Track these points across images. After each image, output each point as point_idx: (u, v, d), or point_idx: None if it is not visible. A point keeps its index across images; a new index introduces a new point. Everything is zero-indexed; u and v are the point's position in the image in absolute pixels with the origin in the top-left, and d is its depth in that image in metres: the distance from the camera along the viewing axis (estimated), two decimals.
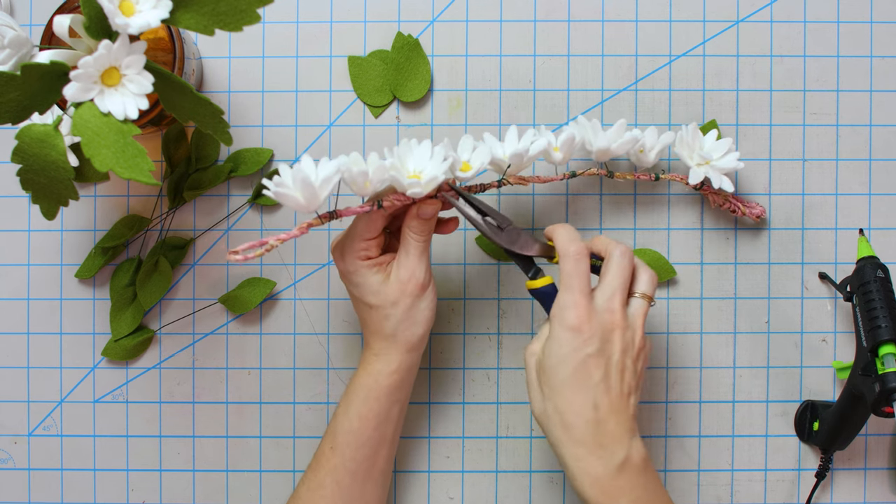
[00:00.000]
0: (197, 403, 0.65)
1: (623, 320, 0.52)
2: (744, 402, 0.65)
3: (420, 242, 0.54)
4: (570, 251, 0.53)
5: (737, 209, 0.63)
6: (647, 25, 0.65)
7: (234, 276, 0.65)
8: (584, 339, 0.50)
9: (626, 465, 0.50)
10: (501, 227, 0.56)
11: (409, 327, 0.55)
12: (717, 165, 0.60)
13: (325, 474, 0.56)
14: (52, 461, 0.65)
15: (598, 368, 0.51)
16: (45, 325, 0.65)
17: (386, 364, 0.56)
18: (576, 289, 0.51)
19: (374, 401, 0.56)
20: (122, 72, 0.47)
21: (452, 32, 0.65)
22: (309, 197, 0.50)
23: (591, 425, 0.50)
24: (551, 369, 0.51)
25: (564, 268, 0.52)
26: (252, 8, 0.47)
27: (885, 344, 0.56)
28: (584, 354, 0.50)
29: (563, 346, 0.51)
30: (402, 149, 0.54)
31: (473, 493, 0.65)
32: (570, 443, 0.51)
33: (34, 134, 0.48)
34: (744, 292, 0.65)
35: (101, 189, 0.65)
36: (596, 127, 0.59)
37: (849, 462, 0.65)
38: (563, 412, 0.51)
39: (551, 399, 0.51)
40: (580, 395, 0.50)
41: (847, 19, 0.65)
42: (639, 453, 0.51)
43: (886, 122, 0.65)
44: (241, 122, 0.65)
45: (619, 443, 0.50)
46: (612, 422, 0.50)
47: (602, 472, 0.50)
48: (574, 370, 0.50)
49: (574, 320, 0.51)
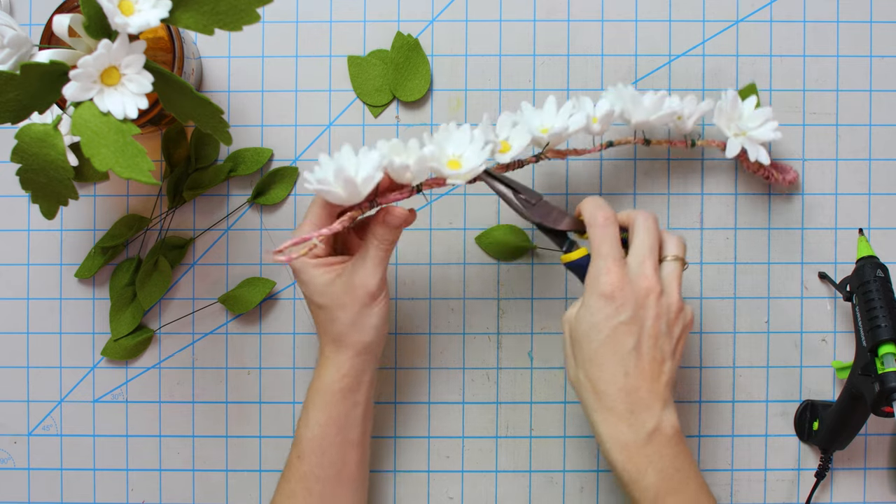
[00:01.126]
0: (197, 403, 0.65)
1: (657, 284, 0.51)
2: (744, 402, 0.65)
3: (381, 251, 0.53)
4: (597, 218, 0.52)
5: (771, 175, 0.62)
6: (646, 25, 0.65)
7: (234, 275, 0.65)
8: (616, 307, 0.50)
9: (656, 434, 0.50)
10: (532, 202, 0.56)
11: (356, 332, 0.54)
12: (753, 136, 0.60)
13: (296, 483, 0.56)
14: (51, 461, 0.65)
15: (630, 336, 0.50)
16: (44, 325, 0.65)
17: (336, 368, 0.55)
18: (607, 255, 0.51)
19: (331, 405, 0.55)
20: (121, 71, 0.47)
21: (452, 32, 0.65)
22: (351, 192, 0.50)
23: (622, 393, 0.50)
24: (584, 337, 0.51)
25: (594, 235, 0.52)
26: (252, 7, 0.47)
27: (884, 344, 0.56)
28: (617, 322, 0.50)
29: (595, 314, 0.51)
30: (441, 135, 0.53)
31: (473, 493, 0.65)
32: (601, 409, 0.51)
33: (34, 133, 0.48)
34: (744, 292, 0.65)
35: (100, 189, 0.65)
36: (636, 98, 0.58)
37: (849, 462, 0.65)
38: (594, 380, 0.51)
39: (583, 367, 0.52)
40: (611, 363, 0.50)
41: (847, 19, 0.65)
42: (671, 424, 0.51)
43: (886, 122, 0.65)
44: (241, 122, 0.65)
45: (649, 410, 0.50)
46: (643, 389, 0.50)
47: (631, 440, 0.50)
48: (606, 338, 0.50)
49: (607, 287, 0.50)
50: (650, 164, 0.65)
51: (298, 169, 0.65)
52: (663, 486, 0.50)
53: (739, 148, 0.60)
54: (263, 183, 0.64)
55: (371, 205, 0.53)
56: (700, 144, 0.62)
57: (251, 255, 0.65)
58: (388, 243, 0.53)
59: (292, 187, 0.65)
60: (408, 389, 0.65)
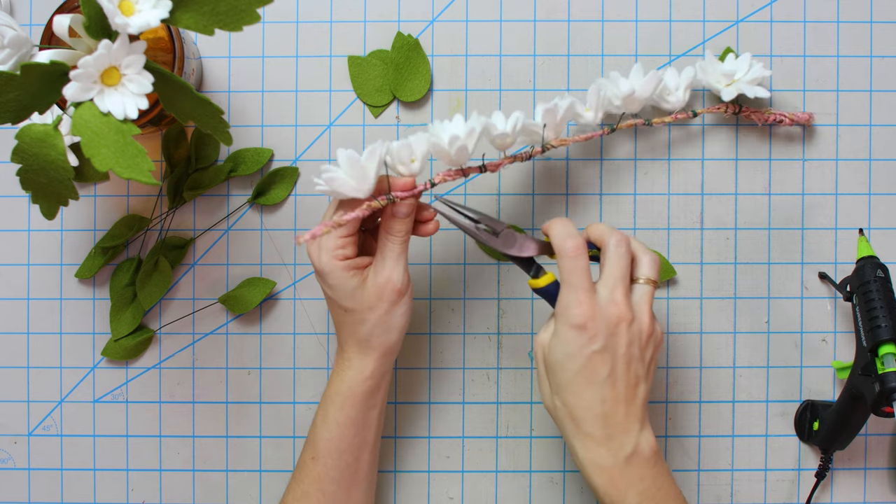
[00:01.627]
0: (197, 403, 0.65)
1: (628, 311, 0.51)
2: (744, 402, 0.65)
3: (397, 244, 0.53)
4: (566, 249, 0.52)
5: (783, 119, 0.63)
6: (647, 25, 0.65)
7: (234, 276, 0.65)
8: (589, 337, 0.50)
9: (635, 456, 0.50)
10: (496, 231, 0.55)
11: (383, 333, 0.54)
12: (745, 79, 0.61)
13: (309, 484, 0.56)
14: (52, 461, 0.65)
15: (604, 365, 0.50)
16: (44, 325, 0.65)
17: (359, 371, 0.55)
18: (576, 286, 0.51)
19: (351, 408, 0.55)
20: (121, 71, 0.47)
21: (452, 32, 0.65)
22: (359, 177, 0.50)
23: (599, 419, 0.50)
24: (558, 366, 0.51)
25: (563, 266, 0.52)
26: (252, 8, 0.47)
27: (884, 344, 0.56)
28: (590, 352, 0.50)
29: (568, 345, 0.51)
30: (436, 126, 0.54)
31: (473, 493, 0.65)
32: (579, 435, 0.51)
33: (34, 134, 0.48)
34: (744, 292, 0.65)
35: (101, 189, 0.65)
36: (616, 78, 0.59)
37: (849, 462, 0.65)
38: (571, 407, 0.51)
39: (559, 394, 0.52)
40: (587, 392, 0.51)
41: (847, 19, 0.65)
42: (649, 445, 0.51)
43: (886, 122, 0.65)
44: (241, 122, 0.65)
45: (627, 434, 0.51)
46: (620, 413, 0.51)
47: (611, 464, 0.50)
48: (581, 368, 0.50)
49: (578, 318, 0.50)
50: (650, 164, 0.65)
51: (298, 169, 0.65)
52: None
53: (735, 93, 0.61)
54: (264, 183, 0.64)
55: (388, 198, 0.53)
56: (702, 112, 0.62)
57: (251, 255, 0.65)
58: (401, 235, 0.53)
59: (292, 187, 0.65)
60: (408, 389, 0.65)
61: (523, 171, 0.65)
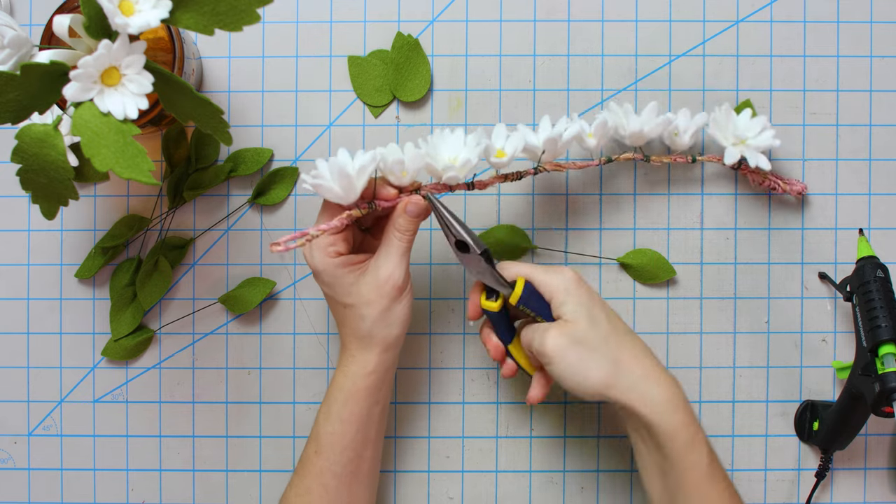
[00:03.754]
0: (197, 403, 0.65)
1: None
2: (744, 402, 0.65)
3: (404, 242, 0.54)
4: (513, 267, 0.56)
5: (777, 186, 0.63)
6: (647, 25, 0.65)
7: (234, 276, 0.65)
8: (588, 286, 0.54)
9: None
10: (475, 249, 0.54)
11: (384, 328, 0.54)
12: (752, 144, 0.61)
13: (312, 479, 0.56)
14: (52, 461, 0.65)
15: (605, 305, 0.55)
16: (44, 325, 0.65)
17: (362, 366, 0.55)
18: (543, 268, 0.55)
19: (354, 403, 0.55)
20: (121, 71, 0.47)
21: (452, 32, 0.65)
22: (346, 187, 0.51)
23: (663, 372, 0.53)
24: (601, 320, 0.53)
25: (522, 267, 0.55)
26: (252, 8, 0.47)
27: (884, 344, 0.56)
28: (599, 298, 0.55)
29: (588, 297, 0.54)
30: (436, 138, 0.55)
31: (473, 493, 0.65)
32: (657, 390, 0.52)
33: (34, 134, 0.48)
34: (744, 292, 0.65)
35: (100, 189, 0.65)
36: (628, 111, 0.60)
37: (849, 462, 0.65)
38: (638, 356, 0.53)
39: (620, 348, 0.53)
40: (636, 339, 0.54)
41: (847, 19, 0.65)
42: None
43: (886, 122, 0.65)
44: (241, 122, 0.65)
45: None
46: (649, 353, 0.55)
47: (688, 420, 0.52)
48: (610, 314, 0.54)
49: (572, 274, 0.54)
50: (650, 164, 0.65)
51: (299, 169, 0.65)
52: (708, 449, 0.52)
53: (738, 156, 0.60)
54: (264, 183, 0.64)
55: (369, 206, 0.53)
56: (701, 160, 0.63)
57: (251, 255, 0.65)
58: (409, 234, 0.54)
59: (292, 187, 0.65)
60: (408, 389, 0.65)
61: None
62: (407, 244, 0.54)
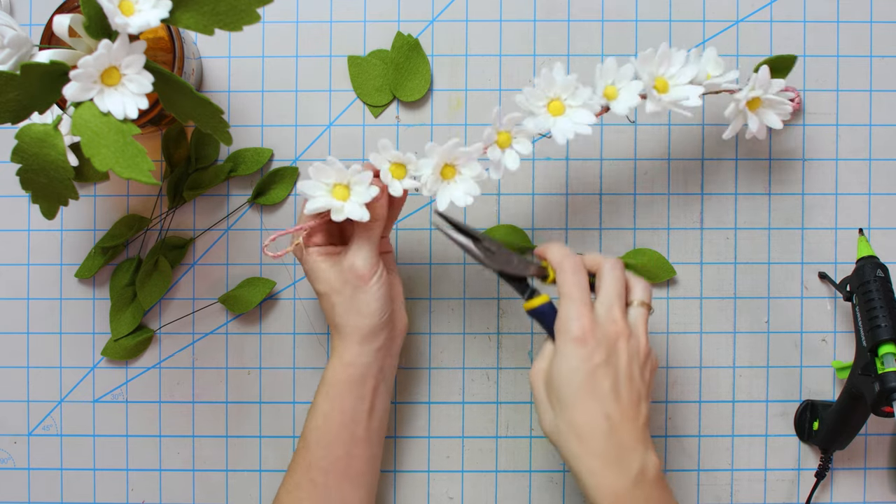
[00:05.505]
0: (197, 403, 0.65)
1: (626, 328, 0.52)
2: (744, 402, 0.65)
3: (365, 230, 0.54)
4: (566, 264, 0.53)
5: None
6: (647, 25, 0.65)
7: (234, 275, 0.65)
8: (590, 350, 0.50)
9: (642, 477, 0.50)
10: (492, 250, 0.55)
11: (354, 317, 0.55)
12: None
13: (300, 474, 0.56)
14: (52, 461, 0.65)
15: (606, 378, 0.50)
16: (44, 325, 0.65)
17: (339, 357, 0.56)
18: (577, 299, 0.51)
19: (335, 396, 0.55)
20: (121, 71, 0.47)
21: (452, 32, 0.65)
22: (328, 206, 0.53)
23: (605, 436, 0.50)
24: (561, 383, 0.51)
25: (564, 280, 0.52)
26: (252, 8, 0.47)
27: (884, 343, 0.56)
28: (593, 365, 0.50)
29: (571, 359, 0.51)
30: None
31: (473, 493, 0.65)
32: (585, 456, 0.50)
33: (34, 134, 0.48)
34: (744, 292, 0.65)
35: (100, 189, 0.65)
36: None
37: (849, 462, 0.65)
38: (576, 425, 0.50)
39: (562, 413, 0.51)
40: (592, 406, 0.50)
41: (847, 19, 0.65)
42: (654, 466, 0.51)
43: (886, 122, 0.65)
44: (241, 122, 0.65)
45: (633, 453, 0.50)
46: (624, 430, 0.50)
47: (619, 485, 0.49)
48: (584, 381, 0.50)
49: (579, 331, 0.50)
50: (650, 164, 0.65)
51: (298, 169, 0.65)
52: None
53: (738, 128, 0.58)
54: (263, 183, 0.64)
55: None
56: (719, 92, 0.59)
57: (251, 255, 0.65)
58: (375, 222, 0.54)
59: (292, 187, 0.65)
60: (408, 389, 0.65)
61: (523, 172, 0.65)
62: (369, 232, 0.54)
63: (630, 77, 0.55)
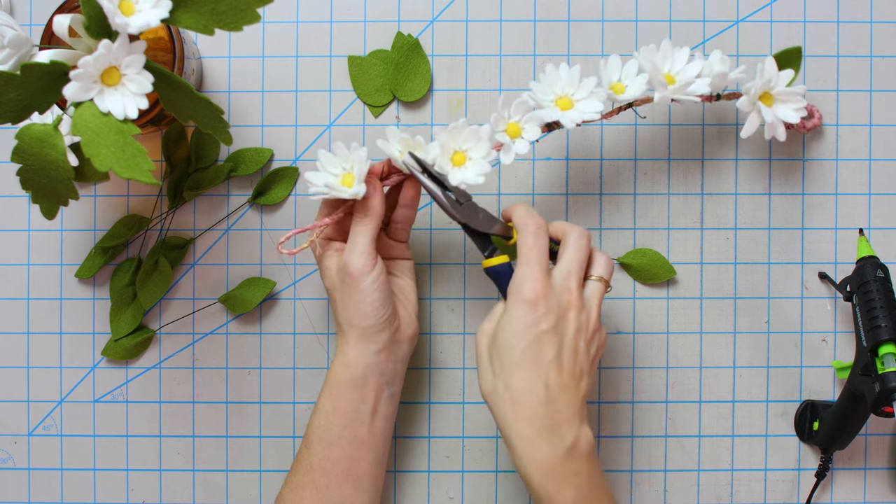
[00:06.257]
0: (197, 403, 0.65)
1: (578, 300, 0.51)
2: (744, 402, 0.65)
3: (357, 225, 0.54)
4: (528, 225, 0.52)
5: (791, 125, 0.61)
6: (647, 25, 0.65)
7: (234, 275, 0.65)
8: (539, 315, 0.50)
9: (574, 450, 0.49)
10: (460, 201, 0.55)
11: (353, 315, 0.55)
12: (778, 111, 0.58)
13: (303, 474, 0.56)
14: (52, 461, 0.65)
15: (551, 346, 0.50)
16: (45, 325, 0.65)
17: (342, 356, 0.56)
18: (534, 262, 0.51)
19: (337, 396, 0.55)
20: (121, 71, 0.47)
21: (452, 32, 0.65)
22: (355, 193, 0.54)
23: (541, 404, 0.49)
24: (504, 344, 0.50)
25: (523, 242, 0.52)
26: (252, 8, 0.47)
27: (884, 344, 0.56)
28: (539, 330, 0.50)
29: (518, 321, 0.50)
30: (449, 132, 0.55)
31: (473, 493, 0.65)
32: (518, 422, 0.50)
33: (34, 134, 0.48)
34: (744, 292, 0.65)
35: (101, 189, 0.65)
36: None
37: (849, 462, 0.65)
38: (513, 389, 0.50)
39: (501, 376, 0.50)
40: (532, 372, 0.50)
41: (847, 19, 0.65)
42: (587, 441, 0.50)
43: (886, 122, 0.65)
44: (241, 122, 0.65)
45: (568, 425, 0.49)
46: (562, 401, 0.50)
47: (549, 455, 0.49)
48: (528, 345, 0.50)
49: (531, 294, 0.50)
50: (650, 163, 0.65)
51: (298, 169, 0.65)
52: (580, 503, 0.49)
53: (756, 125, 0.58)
54: (264, 183, 0.64)
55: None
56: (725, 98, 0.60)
57: (251, 255, 0.65)
58: (365, 217, 0.54)
59: (292, 187, 0.65)
60: (408, 389, 0.65)
61: (523, 171, 0.65)
62: (364, 227, 0.54)
63: (635, 72, 0.57)
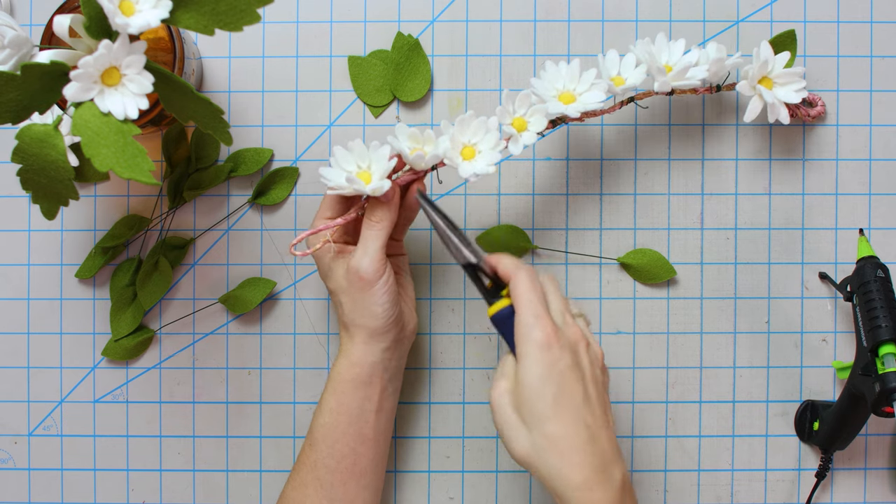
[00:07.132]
0: (197, 403, 0.65)
1: (583, 335, 0.51)
2: (744, 402, 0.65)
3: (373, 231, 0.54)
4: (520, 268, 0.51)
5: (795, 112, 0.62)
6: (647, 25, 0.65)
7: (234, 276, 0.65)
8: (556, 355, 0.48)
9: (624, 486, 0.48)
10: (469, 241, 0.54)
11: (361, 317, 0.55)
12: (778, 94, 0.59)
13: (307, 472, 0.56)
14: (52, 461, 0.65)
15: (577, 382, 0.48)
16: (45, 325, 0.65)
17: (346, 355, 0.56)
18: (537, 304, 0.49)
19: (341, 394, 0.55)
20: (122, 71, 0.47)
21: (452, 32, 0.65)
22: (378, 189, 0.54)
23: (588, 446, 0.47)
24: (532, 394, 0.48)
25: (521, 286, 0.50)
26: (252, 8, 0.47)
27: (885, 344, 0.56)
28: (563, 367, 0.48)
29: (538, 366, 0.48)
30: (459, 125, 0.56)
31: (473, 493, 0.65)
32: (570, 471, 0.47)
33: (34, 134, 0.48)
34: (744, 292, 0.65)
35: (101, 189, 0.65)
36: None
37: (849, 462, 0.65)
38: (555, 437, 0.47)
39: (539, 428, 0.48)
40: (569, 414, 0.47)
41: (847, 19, 0.65)
42: (626, 474, 0.49)
43: (886, 122, 0.65)
44: (241, 122, 0.65)
45: (613, 462, 0.48)
46: (603, 438, 0.48)
47: (607, 499, 0.47)
48: (558, 388, 0.48)
49: (543, 336, 0.48)
50: (650, 163, 0.65)
51: (299, 169, 0.65)
52: None
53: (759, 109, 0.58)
54: (264, 183, 0.64)
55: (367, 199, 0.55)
56: (725, 88, 0.60)
57: (251, 255, 0.65)
58: (379, 222, 0.54)
59: (293, 187, 0.65)
60: (408, 389, 0.65)
61: (523, 171, 0.65)
62: (377, 232, 0.54)
63: (633, 65, 0.58)
